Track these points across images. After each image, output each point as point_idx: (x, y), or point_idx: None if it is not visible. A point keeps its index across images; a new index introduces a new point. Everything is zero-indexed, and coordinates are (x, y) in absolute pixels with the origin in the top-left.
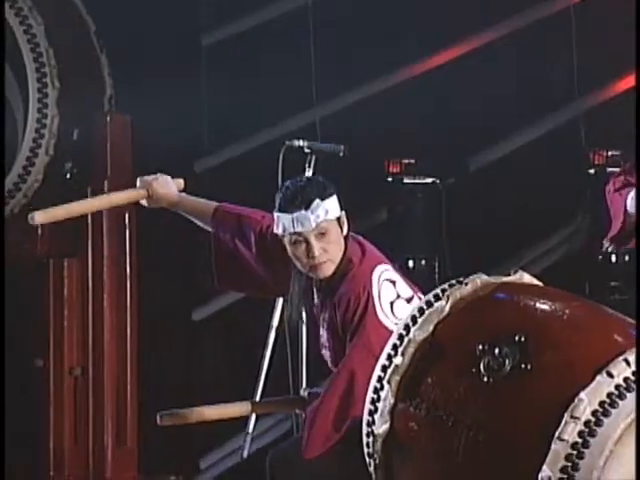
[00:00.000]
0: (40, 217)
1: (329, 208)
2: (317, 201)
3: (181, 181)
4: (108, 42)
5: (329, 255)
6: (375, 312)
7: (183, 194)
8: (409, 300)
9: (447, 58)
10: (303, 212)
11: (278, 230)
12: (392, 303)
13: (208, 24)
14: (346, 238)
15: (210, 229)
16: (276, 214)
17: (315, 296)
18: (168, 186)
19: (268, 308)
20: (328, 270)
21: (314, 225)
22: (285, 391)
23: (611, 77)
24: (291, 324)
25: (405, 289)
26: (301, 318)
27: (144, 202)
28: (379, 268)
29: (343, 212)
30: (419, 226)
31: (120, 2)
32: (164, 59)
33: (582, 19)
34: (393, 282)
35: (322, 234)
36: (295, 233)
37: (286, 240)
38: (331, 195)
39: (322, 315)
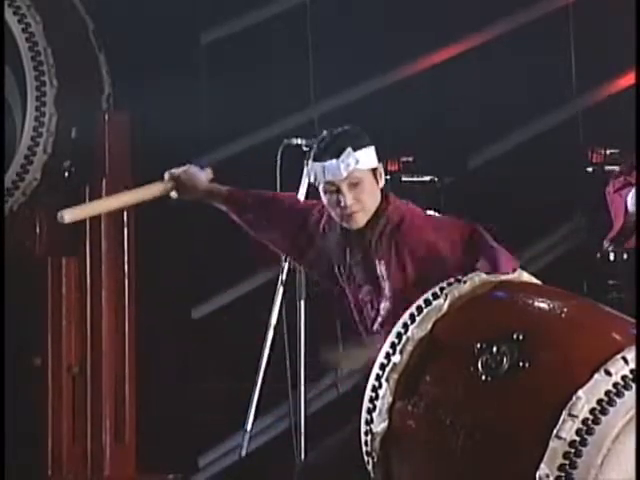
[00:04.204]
0: (68, 216)
1: (361, 158)
2: (348, 150)
3: (209, 170)
4: (106, 41)
5: (361, 205)
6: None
7: (214, 184)
8: None
9: (445, 56)
10: (334, 161)
11: (311, 179)
12: None
13: (208, 23)
14: (383, 190)
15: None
16: (310, 163)
17: (363, 251)
18: (196, 177)
19: (267, 306)
20: (361, 220)
21: (345, 174)
22: (284, 389)
23: (609, 75)
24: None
25: None
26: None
27: (174, 194)
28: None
29: (380, 164)
30: None
31: (119, 1)
32: (163, 58)
33: (580, 17)
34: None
35: (354, 184)
36: (328, 182)
37: (321, 189)
38: (365, 146)
39: (380, 267)
